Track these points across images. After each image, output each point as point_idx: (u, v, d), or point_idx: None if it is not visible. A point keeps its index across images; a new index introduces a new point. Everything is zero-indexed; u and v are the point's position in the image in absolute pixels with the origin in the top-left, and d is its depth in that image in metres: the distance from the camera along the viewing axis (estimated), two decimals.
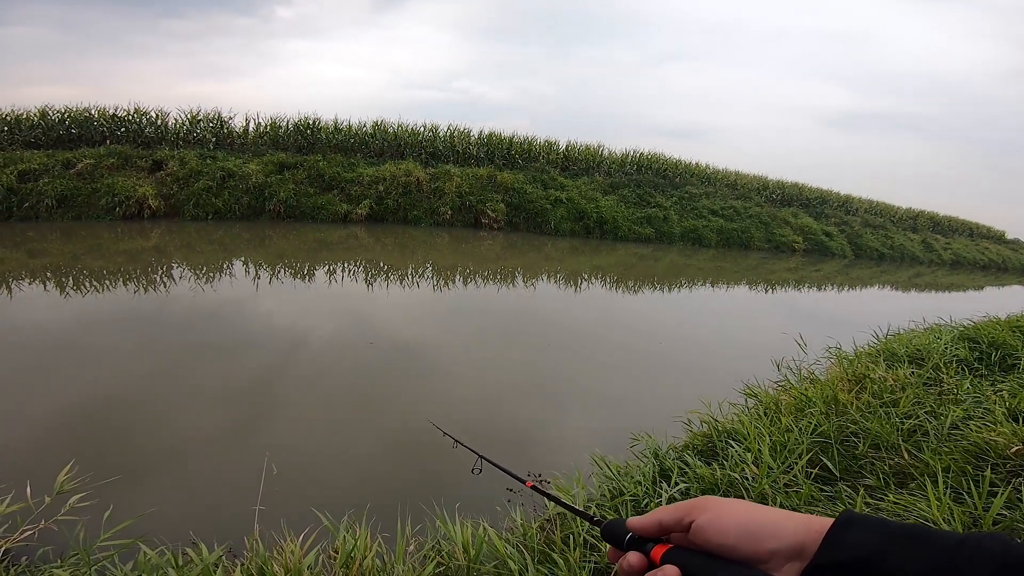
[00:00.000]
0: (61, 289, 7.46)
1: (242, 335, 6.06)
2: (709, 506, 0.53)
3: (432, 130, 17.98)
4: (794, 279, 15.29)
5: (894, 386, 3.50)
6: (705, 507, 0.53)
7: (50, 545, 2.26)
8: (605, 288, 11.04)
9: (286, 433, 4.05)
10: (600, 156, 20.48)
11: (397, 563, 2.14)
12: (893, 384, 3.53)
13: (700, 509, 0.53)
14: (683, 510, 0.54)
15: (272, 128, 16.28)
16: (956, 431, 2.83)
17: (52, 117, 14.18)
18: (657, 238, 17.89)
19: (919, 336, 5.19)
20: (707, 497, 0.55)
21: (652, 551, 0.55)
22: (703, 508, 0.53)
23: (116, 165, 13.21)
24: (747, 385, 4.27)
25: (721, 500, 0.54)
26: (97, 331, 5.87)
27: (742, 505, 0.53)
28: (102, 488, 2.61)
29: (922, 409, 3.13)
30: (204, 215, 13.15)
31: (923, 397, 3.34)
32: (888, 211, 28.16)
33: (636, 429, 3.46)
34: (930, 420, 2.99)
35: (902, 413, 3.09)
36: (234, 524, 2.66)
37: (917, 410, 3.12)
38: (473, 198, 15.97)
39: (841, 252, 22.23)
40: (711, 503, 0.54)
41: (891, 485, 2.54)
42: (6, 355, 5.04)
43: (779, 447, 2.79)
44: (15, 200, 11.77)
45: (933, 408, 3.15)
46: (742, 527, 0.50)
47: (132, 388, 4.58)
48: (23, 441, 3.63)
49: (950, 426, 2.87)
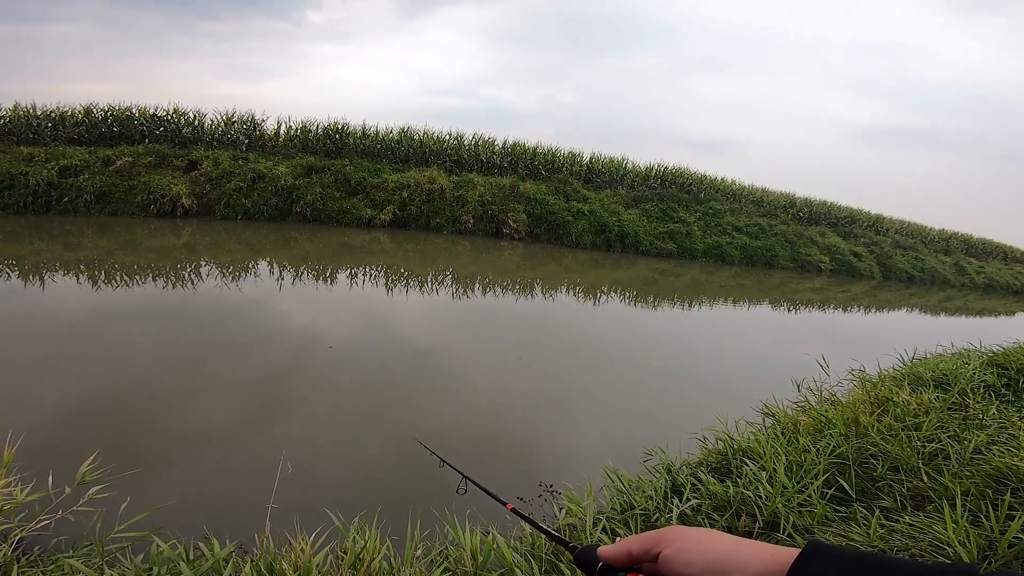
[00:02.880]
0: (93, 282, 7.71)
1: (263, 333, 6.18)
2: (676, 537, 0.54)
3: (457, 138, 18.17)
4: (819, 299, 14.98)
5: (917, 410, 3.42)
6: (673, 538, 0.54)
7: (64, 535, 2.29)
8: (624, 303, 10.98)
9: (302, 431, 4.12)
10: (623, 169, 20.43)
11: (405, 567, 2.15)
12: (917, 408, 3.44)
13: (668, 540, 0.54)
14: (651, 540, 0.55)
15: (302, 131, 16.63)
16: (979, 456, 2.76)
17: (96, 115, 14.75)
18: (679, 254, 17.73)
19: (946, 360, 5.06)
20: (675, 527, 0.56)
21: None
22: (671, 539, 0.54)
23: (153, 163, 13.65)
24: (765, 404, 4.20)
25: (689, 530, 0.54)
26: (125, 324, 6.05)
27: (709, 535, 0.53)
28: (122, 479, 2.68)
29: (945, 433, 3.05)
30: (234, 215, 13.49)
31: (947, 421, 3.25)
32: (920, 232, 27.46)
33: (650, 443, 3.44)
34: (952, 444, 2.91)
35: (924, 437, 3.02)
36: (247, 520, 2.69)
37: (940, 434, 3.05)
38: (495, 207, 16.07)
39: (869, 273, 21.72)
40: (678, 533, 0.54)
41: (908, 507, 2.48)
42: (38, 344, 5.23)
43: (795, 467, 2.75)
44: (55, 194, 12.24)
45: (957, 433, 3.07)
46: (707, 558, 0.50)
47: (156, 381, 4.70)
48: (50, 428, 3.74)
49: (973, 450, 2.80)
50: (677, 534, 0.54)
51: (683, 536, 0.53)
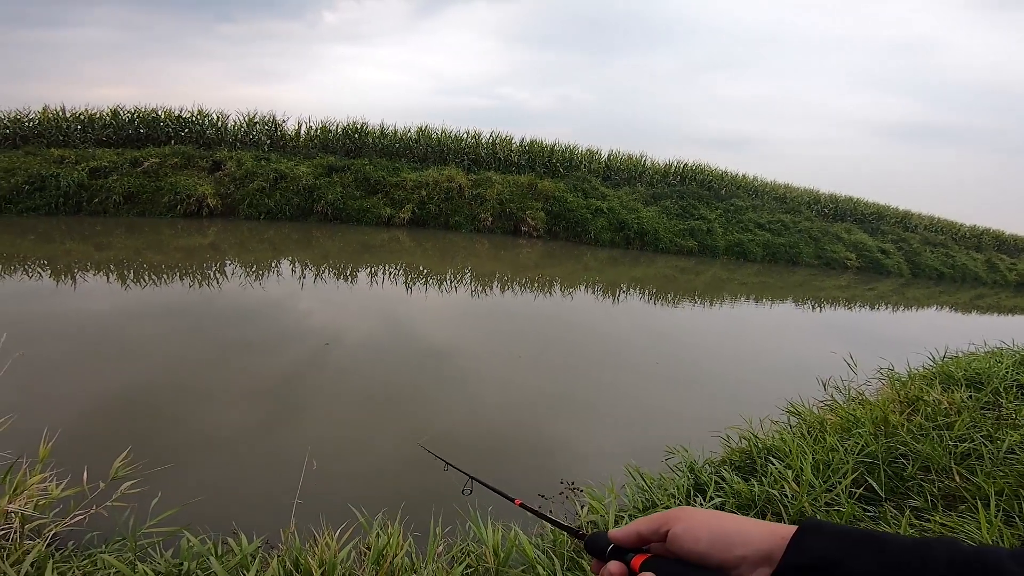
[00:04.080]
0: (122, 282, 7.91)
1: (286, 331, 6.27)
2: (683, 516, 0.57)
3: (475, 137, 18.19)
4: (844, 297, 14.67)
5: (949, 409, 3.33)
6: (679, 517, 0.57)
7: (97, 531, 2.33)
8: (644, 300, 10.89)
9: (326, 428, 4.17)
10: (642, 166, 20.25)
11: (427, 563, 2.16)
12: (948, 407, 3.35)
13: (675, 519, 0.57)
14: (659, 520, 0.58)
15: (322, 131, 16.82)
16: (1012, 455, 2.69)
17: (123, 117, 15.10)
18: (700, 251, 17.51)
19: (978, 359, 4.93)
20: (682, 508, 0.59)
21: (632, 560, 0.58)
22: (677, 518, 0.57)
23: (179, 164, 13.95)
24: (790, 403, 4.13)
25: (695, 510, 0.58)
26: (153, 322, 6.20)
27: (714, 515, 0.57)
28: (153, 475, 2.74)
29: (978, 433, 2.97)
30: (257, 214, 13.71)
31: (979, 421, 3.17)
32: (950, 228, 26.68)
33: (672, 442, 3.40)
34: (985, 444, 2.84)
35: (956, 436, 2.95)
36: (274, 515, 2.73)
37: (972, 433, 2.97)
38: (514, 205, 16.06)
39: (897, 271, 21.20)
40: (685, 513, 0.57)
41: (939, 507, 2.43)
42: (71, 343, 5.38)
43: (822, 466, 2.70)
44: (85, 195, 12.58)
45: (990, 432, 2.99)
46: (713, 535, 0.54)
47: (185, 378, 4.81)
48: (82, 425, 3.84)
49: (1006, 450, 2.73)
50: (684, 513, 0.57)
51: (690, 515, 0.57)
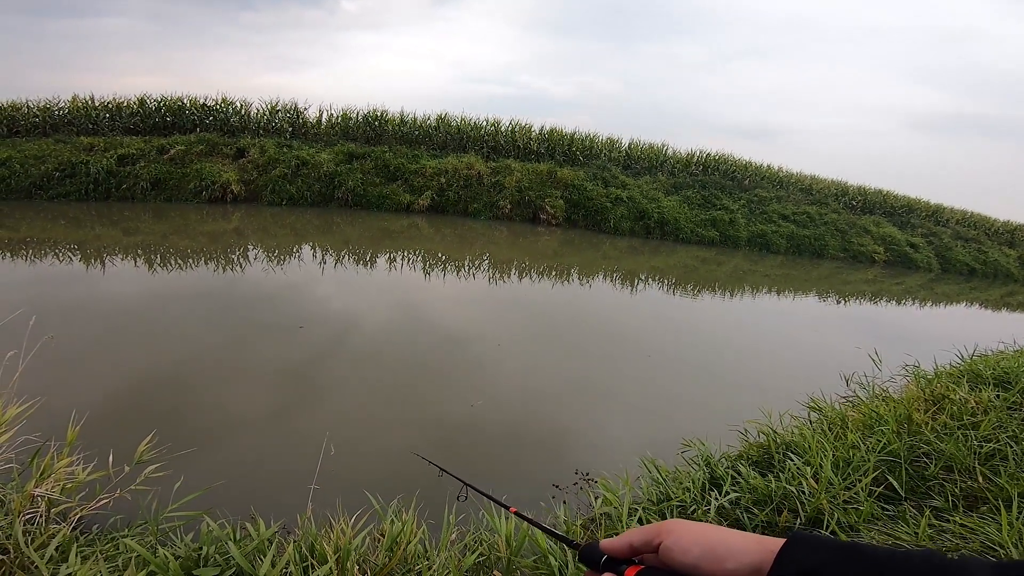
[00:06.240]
0: (150, 265, 8.10)
1: (306, 316, 6.36)
2: (675, 528, 0.58)
3: (494, 124, 18.08)
4: (871, 292, 14.33)
5: (975, 408, 3.24)
6: (671, 530, 0.58)
7: (120, 514, 2.38)
8: (663, 291, 10.78)
9: (345, 413, 4.23)
10: (664, 155, 19.93)
11: (440, 551, 2.19)
12: (975, 406, 3.26)
13: (667, 532, 0.58)
14: (651, 532, 0.60)
15: (343, 119, 16.92)
16: None
17: (149, 105, 15.38)
18: (721, 242, 17.24)
19: (1008, 358, 4.77)
20: (674, 520, 0.60)
21: (625, 572, 0.59)
22: (669, 531, 0.58)
23: (204, 152, 14.18)
24: (811, 398, 4.06)
25: (686, 523, 0.59)
26: (179, 306, 6.34)
27: (705, 527, 0.58)
28: (176, 459, 2.80)
29: (1004, 433, 2.89)
30: (280, 201, 13.89)
31: (1006, 421, 3.08)
32: (983, 223, 25.78)
33: (688, 434, 3.38)
34: (1011, 445, 2.75)
35: (981, 436, 2.87)
36: (292, 500, 2.78)
37: (999, 434, 2.88)
38: (532, 193, 15.97)
39: (927, 265, 20.59)
40: (677, 525, 0.59)
41: (959, 508, 2.37)
42: (99, 327, 5.53)
43: (842, 463, 2.65)
44: (114, 182, 12.89)
45: (1016, 433, 2.90)
46: (703, 547, 0.55)
47: (210, 361, 4.92)
48: (109, 408, 3.94)
49: None
50: (676, 526, 0.59)
51: (681, 527, 0.58)
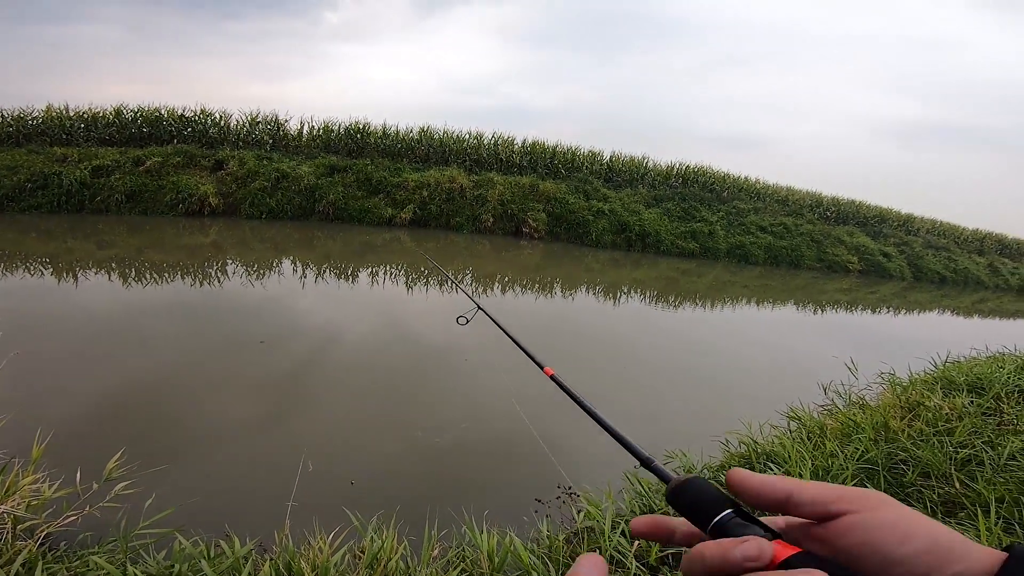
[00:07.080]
0: (124, 280, 7.91)
1: (285, 331, 6.26)
2: (880, 504, 0.40)
3: (477, 137, 18.19)
4: (846, 300, 14.62)
5: (950, 415, 3.30)
6: (877, 504, 0.40)
7: (90, 531, 2.31)
8: (644, 303, 10.86)
9: (321, 430, 4.15)
10: (644, 168, 20.23)
11: (422, 567, 2.15)
12: (949, 413, 3.33)
13: (866, 504, 0.40)
14: (833, 494, 0.41)
15: (324, 131, 16.86)
16: (1014, 462, 2.67)
17: (126, 116, 15.15)
18: (701, 253, 17.49)
19: (980, 364, 4.89)
20: (878, 492, 0.42)
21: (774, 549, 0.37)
22: (874, 505, 0.40)
23: (181, 164, 13.97)
24: (790, 407, 4.11)
25: (898, 503, 0.41)
26: (153, 321, 6.19)
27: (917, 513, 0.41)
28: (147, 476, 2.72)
29: (979, 439, 2.95)
30: (259, 214, 13.72)
31: (980, 427, 3.15)
32: (953, 232, 26.63)
33: (671, 445, 3.38)
34: (987, 450, 2.81)
35: (957, 442, 2.92)
36: (268, 517, 2.72)
37: (974, 440, 2.95)
38: (515, 206, 16.04)
39: (900, 274, 21.13)
40: (884, 501, 0.41)
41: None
42: (69, 341, 5.37)
43: (822, 472, 2.68)
44: (88, 194, 12.61)
45: (991, 438, 2.97)
46: (932, 539, 0.38)
47: (181, 378, 4.79)
48: (77, 424, 3.82)
49: (1007, 457, 2.71)
50: (882, 501, 0.41)
51: (894, 506, 0.40)
